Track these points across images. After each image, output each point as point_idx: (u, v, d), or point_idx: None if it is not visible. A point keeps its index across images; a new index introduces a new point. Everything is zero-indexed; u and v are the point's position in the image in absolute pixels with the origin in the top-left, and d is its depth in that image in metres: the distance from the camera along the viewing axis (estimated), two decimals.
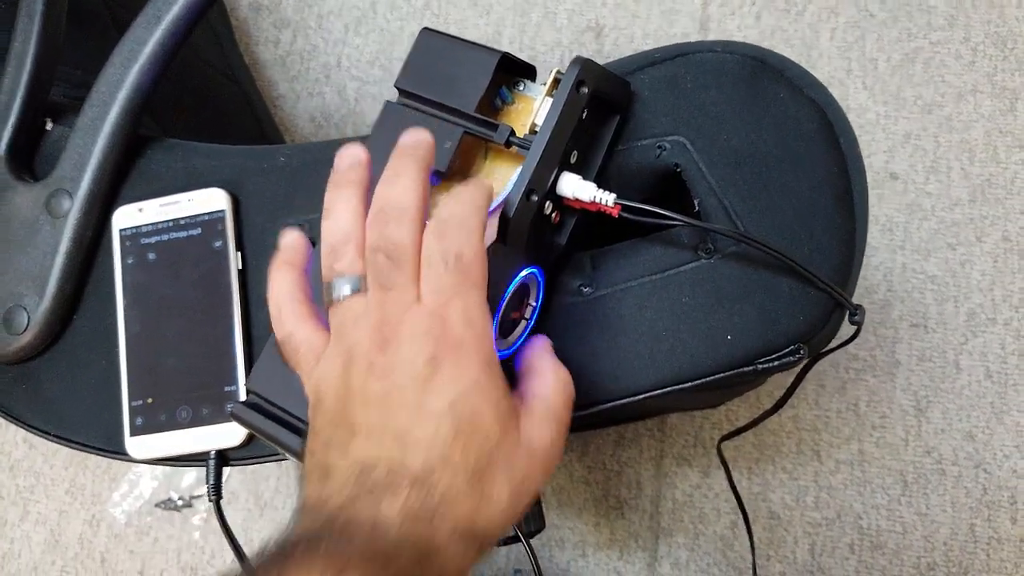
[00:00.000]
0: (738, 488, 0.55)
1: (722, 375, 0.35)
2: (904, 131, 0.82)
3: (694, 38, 0.92)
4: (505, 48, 1.02)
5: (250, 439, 0.42)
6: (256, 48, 0.97)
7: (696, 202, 0.36)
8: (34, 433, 0.45)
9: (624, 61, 0.41)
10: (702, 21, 0.93)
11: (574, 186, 0.35)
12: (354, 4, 0.96)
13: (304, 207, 0.43)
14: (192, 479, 0.87)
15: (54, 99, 0.49)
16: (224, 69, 0.80)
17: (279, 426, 0.36)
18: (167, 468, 0.87)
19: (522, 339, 0.37)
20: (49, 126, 0.48)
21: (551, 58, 0.94)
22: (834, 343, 0.39)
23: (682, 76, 0.38)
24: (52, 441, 0.45)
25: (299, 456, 0.35)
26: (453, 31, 0.94)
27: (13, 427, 0.91)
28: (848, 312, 0.35)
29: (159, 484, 0.87)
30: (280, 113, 0.95)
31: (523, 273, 0.34)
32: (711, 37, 0.92)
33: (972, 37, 0.84)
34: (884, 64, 0.86)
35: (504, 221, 0.33)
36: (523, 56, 1.00)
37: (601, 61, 1.02)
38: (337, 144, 0.44)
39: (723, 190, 0.36)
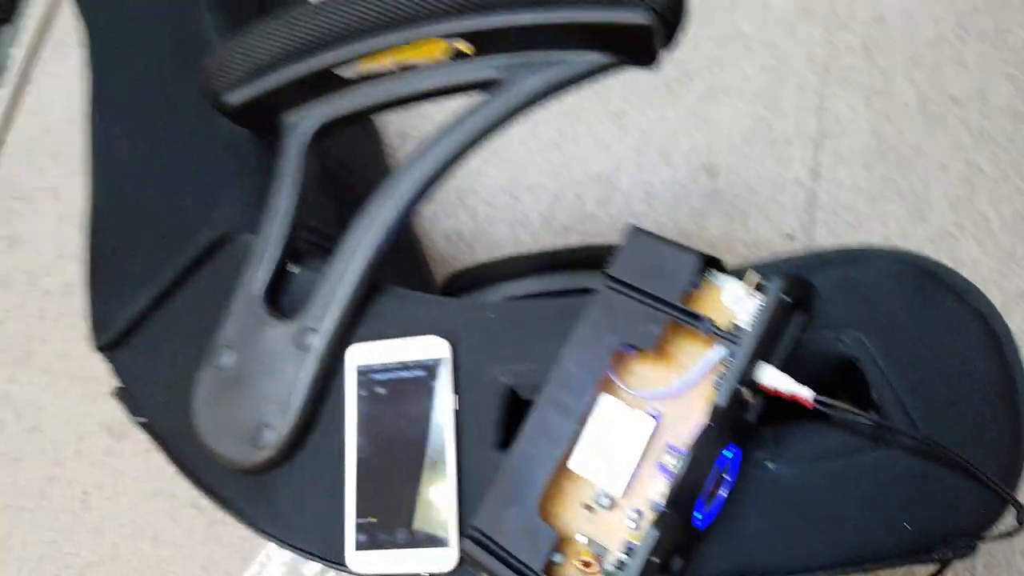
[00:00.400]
0: None
1: (900, 561, 0.40)
2: (1018, 288, 0.87)
3: (805, 185, 0.99)
4: (622, 180, 1.11)
5: (456, 569, 0.48)
6: None
7: (874, 394, 0.42)
8: (264, 536, 0.53)
9: (802, 260, 0.47)
10: (813, 168, 1.00)
11: (773, 378, 0.41)
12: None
13: (510, 358, 0.50)
14: (318, 568, 0.93)
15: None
16: None
17: (505, 567, 0.42)
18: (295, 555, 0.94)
19: (717, 510, 0.43)
20: (293, 269, 0.57)
21: (666, 193, 1.02)
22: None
23: (858, 278, 0.45)
24: (279, 545, 0.52)
25: None
26: (575, 166, 1.04)
27: (159, 502, 1.00)
28: (1017, 512, 0.40)
29: (287, 570, 0.94)
30: (419, 229, 1.05)
31: (725, 452, 0.41)
32: (822, 185, 0.98)
33: None
34: (996, 220, 0.91)
35: (716, 409, 0.40)
36: (639, 190, 1.08)
37: (715, 199, 1.10)
38: (540, 311, 0.52)
39: (899, 386, 0.42)
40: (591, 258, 0.92)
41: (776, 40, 1.04)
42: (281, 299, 0.56)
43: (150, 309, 0.60)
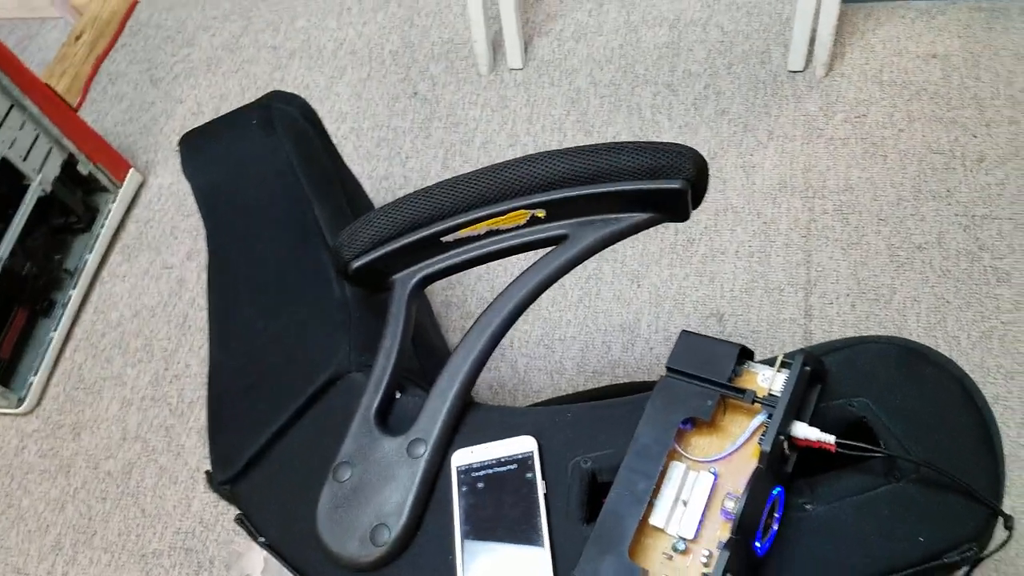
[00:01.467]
0: None
1: (919, 568, 0.50)
2: (992, 394, 0.99)
3: (800, 323, 1.14)
4: (643, 328, 1.26)
5: None
6: (447, 334, 1.23)
7: (881, 443, 0.54)
8: None
9: (815, 347, 0.61)
10: (806, 309, 1.15)
11: (805, 431, 0.53)
12: None
13: (585, 449, 0.62)
14: None
15: None
16: (444, 351, 1.04)
17: None
18: None
19: (771, 541, 0.53)
20: (398, 395, 0.69)
21: None
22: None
23: (860, 359, 0.58)
24: None
25: None
26: (601, 320, 1.20)
27: None
28: (1003, 520, 0.51)
29: None
30: None
31: (775, 491, 0.52)
32: (814, 323, 1.13)
33: None
34: (965, 340, 1.05)
35: (763, 454, 0.52)
36: (659, 336, 1.23)
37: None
38: (608, 409, 0.64)
39: (900, 435, 0.54)
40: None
41: (762, 210, 1.23)
42: (388, 420, 0.68)
43: (271, 443, 0.72)
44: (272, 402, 0.73)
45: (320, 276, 0.77)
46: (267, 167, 0.84)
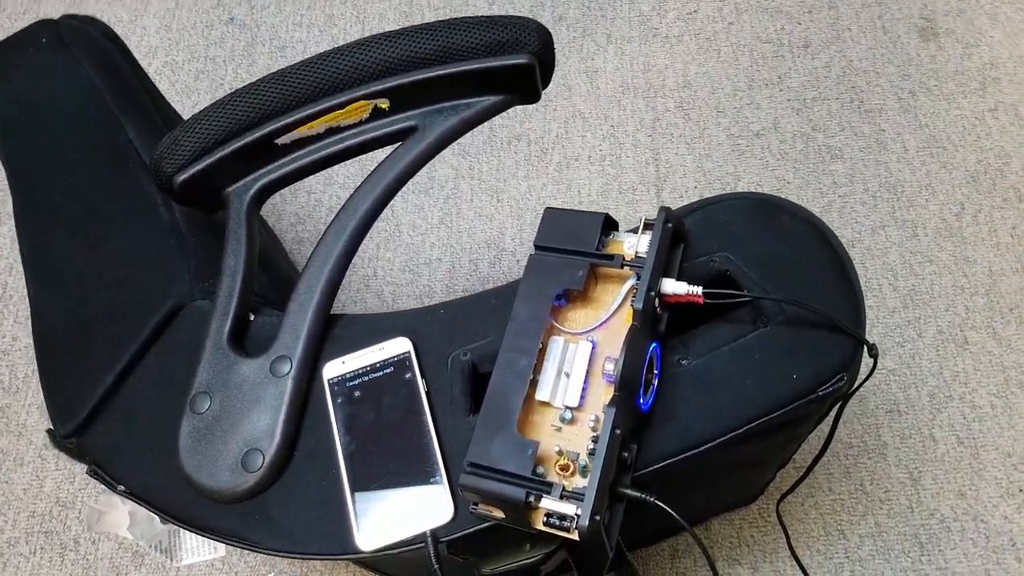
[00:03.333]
0: None
1: (796, 404, 0.52)
2: None
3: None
4: (508, 241, 1.24)
5: (454, 516, 0.55)
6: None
7: (745, 291, 0.55)
8: (270, 554, 0.57)
9: (677, 210, 0.61)
10: (659, 206, 1.17)
11: (673, 286, 0.53)
12: (382, 228, 1.18)
13: (463, 342, 0.60)
14: None
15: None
16: None
17: (500, 483, 0.50)
18: None
19: (653, 397, 0.53)
20: (251, 317, 0.64)
21: None
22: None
23: (717, 215, 0.59)
24: (286, 557, 0.56)
25: (519, 504, 0.48)
26: (465, 239, 1.18)
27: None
28: (867, 348, 0.53)
29: None
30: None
31: (652, 347, 0.52)
32: None
33: (870, 188, 1.10)
34: None
35: (636, 312, 0.51)
36: (524, 248, 1.22)
37: None
38: (481, 300, 0.62)
39: (763, 280, 0.55)
40: None
41: (609, 113, 1.24)
42: (245, 343, 0.63)
43: (115, 386, 0.65)
44: (110, 343, 0.66)
45: (143, 200, 0.70)
46: (64, 89, 0.74)
